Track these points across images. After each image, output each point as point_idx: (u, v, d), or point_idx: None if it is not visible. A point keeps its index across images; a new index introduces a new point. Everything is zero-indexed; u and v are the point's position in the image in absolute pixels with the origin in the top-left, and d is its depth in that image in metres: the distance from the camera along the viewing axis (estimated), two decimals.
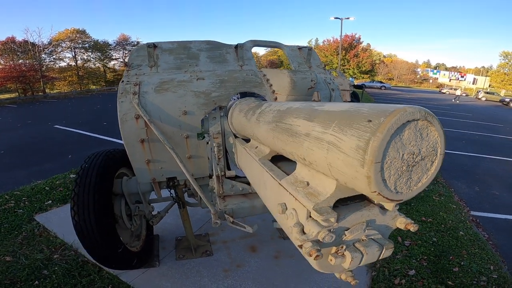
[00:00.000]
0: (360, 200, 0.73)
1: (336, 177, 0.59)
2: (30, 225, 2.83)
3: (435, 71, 63.93)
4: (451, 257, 2.98)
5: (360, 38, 33.09)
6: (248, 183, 1.94)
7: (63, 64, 30.83)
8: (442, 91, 46.69)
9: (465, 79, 62.16)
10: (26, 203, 3.39)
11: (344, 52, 32.30)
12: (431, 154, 0.54)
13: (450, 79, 59.85)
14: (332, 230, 0.64)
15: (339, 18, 26.58)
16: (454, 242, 3.26)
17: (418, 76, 53.08)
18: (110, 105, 15.90)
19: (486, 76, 58.82)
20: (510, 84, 49.45)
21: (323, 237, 0.62)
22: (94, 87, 32.47)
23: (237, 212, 1.84)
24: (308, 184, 0.75)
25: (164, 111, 1.81)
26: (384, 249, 0.67)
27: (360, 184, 0.51)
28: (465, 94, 43.54)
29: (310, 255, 0.62)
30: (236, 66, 2.29)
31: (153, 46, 2.06)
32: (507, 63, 52.58)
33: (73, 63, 31.51)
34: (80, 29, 31.23)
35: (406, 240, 3.20)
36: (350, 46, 31.14)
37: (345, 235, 0.67)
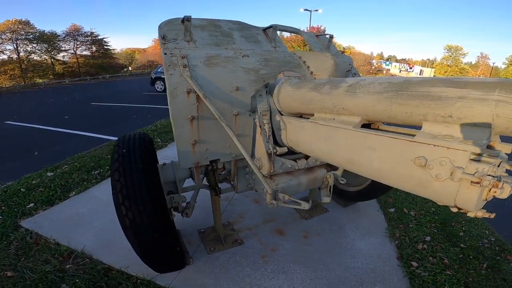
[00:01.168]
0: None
1: (498, 125, 0.75)
2: (18, 232, 2.40)
3: (387, 62, 69.10)
4: (453, 224, 3.23)
5: (325, 30, 34.23)
6: (295, 160, 1.90)
7: (3, 56, 27.95)
8: None
9: (413, 70, 68.08)
10: (3, 208, 2.87)
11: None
12: None
13: (400, 70, 65.18)
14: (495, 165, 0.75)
15: (308, 10, 27.41)
16: (450, 212, 3.52)
17: (373, 67, 56.86)
18: (66, 98, 14.33)
19: (431, 67, 65.16)
20: (452, 75, 55.47)
21: (494, 172, 0.74)
22: (41, 80, 29.27)
23: (286, 191, 1.81)
24: (451, 136, 0.84)
25: (217, 86, 1.67)
26: None
27: None
28: None
29: (495, 186, 0.74)
30: (270, 47, 2.29)
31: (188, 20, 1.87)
32: (450, 56, 58.89)
33: (15, 56, 28.51)
34: (23, 19, 28.71)
35: (411, 211, 3.38)
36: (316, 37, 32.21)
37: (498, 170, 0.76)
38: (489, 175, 0.74)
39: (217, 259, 2.19)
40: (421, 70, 68.85)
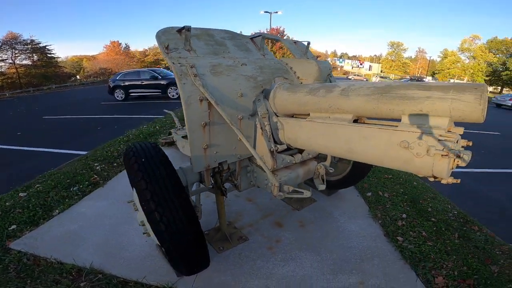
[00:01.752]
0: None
1: (451, 115, 1.08)
2: (11, 256, 2.20)
3: (341, 60, 73.66)
4: (421, 201, 3.69)
5: (284, 31, 35.25)
6: (292, 155, 2.10)
7: None
8: (348, 77, 54.20)
9: (363, 66, 73.44)
10: None
11: (271, 44, 34.00)
12: None
13: (352, 67, 70.05)
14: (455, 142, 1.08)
15: (268, 12, 28.02)
16: (415, 191, 4.01)
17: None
18: (11, 113, 12.83)
19: (378, 63, 70.89)
20: (396, 69, 61.08)
21: (455, 146, 1.07)
22: None
23: (287, 183, 2.03)
24: (424, 124, 1.15)
25: (223, 93, 1.80)
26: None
27: (475, 114, 1.02)
28: (365, 79, 51.44)
29: (457, 157, 1.05)
30: (259, 55, 2.46)
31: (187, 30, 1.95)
32: (393, 52, 64.76)
33: None
34: None
35: (385, 193, 3.78)
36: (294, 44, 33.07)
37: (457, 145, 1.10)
38: (452, 149, 1.06)
39: (228, 257, 2.27)
40: (370, 66, 74.43)
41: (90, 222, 2.57)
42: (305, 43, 2.94)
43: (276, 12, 29.19)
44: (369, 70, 70.38)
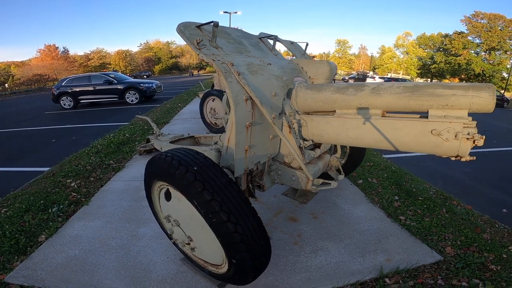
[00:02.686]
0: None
1: (469, 108, 1.34)
2: None
3: (291, 58, 76.41)
4: (404, 183, 4.00)
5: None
6: (313, 150, 2.17)
7: None
8: None
9: None
10: None
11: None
12: None
13: None
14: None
15: (227, 12, 27.73)
16: (395, 175, 4.35)
17: None
18: None
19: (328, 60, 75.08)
20: (343, 66, 65.64)
21: (476, 131, 1.35)
22: None
23: (313, 176, 2.04)
24: (450, 116, 1.40)
25: (262, 92, 1.76)
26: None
27: (490, 106, 1.30)
28: None
29: (471, 138, 1.33)
30: (272, 55, 2.46)
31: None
32: (340, 49, 69.48)
33: None
34: None
35: (373, 180, 4.02)
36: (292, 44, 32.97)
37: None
38: (475, 133, 1.33)
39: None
40: None
41: (93, 245, 2.23)
42: (303, 44, 2.99)
43: (236, 13, 29.15)
44: None
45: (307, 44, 2.97)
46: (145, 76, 42.69)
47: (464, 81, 43.92)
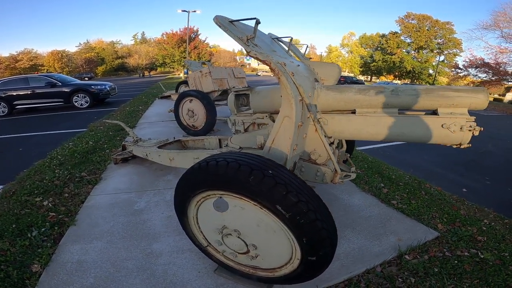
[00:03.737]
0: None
1: (469, 106, 1.69)
2: None
3: (248, 58, 77.13)
4: (384, 172, 4.36)
5: (198, 31, 34.20)
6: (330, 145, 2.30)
7: None
8: (258, 74, 57.53)
9: None
10: None
11: (185, 44, 32.59)
12: None
13: (258, 64, 74.53)
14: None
15: (186, 11, 26.53)
16: (374, 165, 4.70)
17: (237, 63, 62.30)
18: None
19: None
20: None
21: (475, 124, 1.68)
22: None
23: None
24: (456, 113, 1.72)
25: (306, 92, 1.80)
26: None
27: (484, 105, 1.68)
28: (272, 75, 55.34)
29: (472, 129, 1.67)
30: (292, 57, 2.51)
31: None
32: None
33: None
34: None
35: (358, 170, 4.29)
36: (189, 38, 31.84)
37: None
38: (475, 126, 1.67)
39: None
40: None
41: (107, 271, 1.91)
42: (304, 45, 3.04)
43: (195, 11, 28.17)
44: None
45: (307, 46, 3.03)
46: (86, 78, 38.89)
47: (397, 78, 49.42)
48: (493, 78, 25.27)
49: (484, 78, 26.30)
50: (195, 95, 5.28)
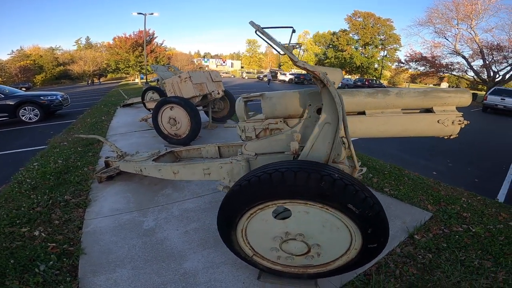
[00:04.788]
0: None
1: (457, 104, 2.01)
2: None
3: (205, 59, 75.93)
4: (368, 162, 4.72)
5: (154, 34, 32.42)
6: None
7: None
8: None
9: (226, 64, 78.69)
10: None
11: (140, 48, 30.69)
12: None
13: (217, 65, 73.87)
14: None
15: (142, 14, 24.63)
16: (358, 157, 5.03)
17: (195, 65, 60.85)
18: None
19: (239, 60, 77.87)
20: (254, 64, 69.26)
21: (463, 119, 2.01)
22: None
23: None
24: (447, 110, 2.02)
25: None
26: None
27: (468, 103, 2.02)
28: (232, 76, 55.37)
29: (461, 123, 2.00)
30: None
31: None
32: (250, 48, 72.80)
33: None
34: None
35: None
36: (146, 42, 30.12)
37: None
38: (463, 120, 1.99)
39: None
40: (232, 63, 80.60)
41: None
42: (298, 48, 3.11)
43: (152, 14, 26.35)
44: (231, 67, 76.25)
45: (293, 31, 3.10)
46: (23, 89, 34.61)
47: (348, 73, 52.93)
48: (430, 70, 28.49)
49: (423, 71, 29.55)
50: (177, 102, 5.07)
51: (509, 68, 23.71)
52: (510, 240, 2.51)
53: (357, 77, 47.41)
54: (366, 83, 31.02)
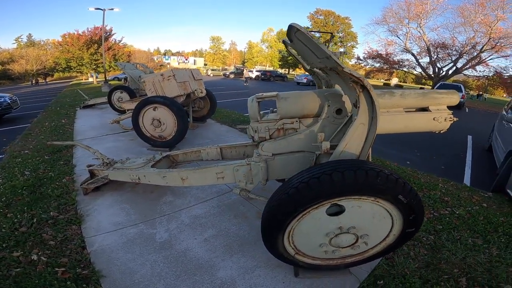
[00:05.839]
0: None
1: (448, 103, 2.31)
2: None
3: (166, 57, 72.71)
4: None
5: (112, 30, 29.81)
6: None
7: None
8: (209, 74, 54.70)
9: (188, 61, 76.36)
10: None
11: (96, 45, 28.10)
12: None
13: (179, 63, 71.28)
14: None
15: (100, 9, 22.27)
16: None
17: (155, 63, 58.00)
18: None
19: (202, 57, 75.95)
20: (218, 61, 68.23)
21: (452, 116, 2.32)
22: None
23: None
24: (440, 109, 2.29)
25: None
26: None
27: (456, 102, 2.33)
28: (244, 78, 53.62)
29: (451, 120, 2.29)
30: None
31: None
32: (214, 45, 71.38)
33: None
34: None
35: None
36: (101, 38, 27.62)
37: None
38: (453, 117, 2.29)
39: None
40: (194, 60, 78.44)
41: None
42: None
43: (112, 9, 24.28)
44: (194, 64, 74.20)
45: (332, 36, 3.22)
46: None
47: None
48: (384, 66, 30.88)
49: (378, 67, 31.93)
50: (161, 101, 4.80)
51: (451, 64, 26.71)
52: (489, 220, 2.92)
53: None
54: None
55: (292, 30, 1.56)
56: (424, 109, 2.28)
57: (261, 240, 1.86)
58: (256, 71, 39.68)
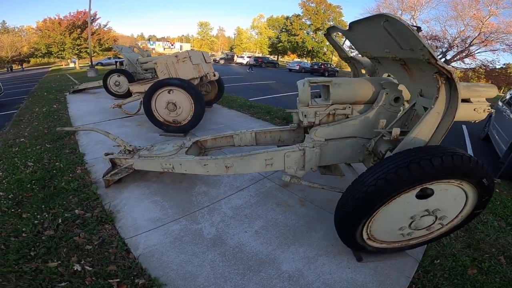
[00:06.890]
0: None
1: (487, 96, 2.32)
2: None
3: (151, 42, 69.79)
4: None
5: (96, 15, 27.77)
6: None
7: None
8: (216, 60, 52.90)
9: (174, 47, 73.81)
10: None
11: (79, 30, 26.29)
12: None
13: (164, 48, 68.76)
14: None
15: None
16: None
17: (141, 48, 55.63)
18: None
19: (189, 43, 73.47)
20: (206, 47, 66.22)
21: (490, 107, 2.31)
22: None
23: None
24: (481, 101, 2.29)
25: None
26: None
27: (494, 95, 2.32)
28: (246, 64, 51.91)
29: (489, 111, 2.28)
30: None
31: None
32: (202, 31, 68.95)
33: None
34: None
35: None
36: (85, 23, 25.77)
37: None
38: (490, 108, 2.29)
39: None
40: (181, 46, 75.89)
41: None
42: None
43: None
44: (180, 50, 71.72)
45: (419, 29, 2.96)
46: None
47: (299, 57, 54.38)
48: None
49: None
50: (178, 84, 4.36)
51: (441, 56, 27.05)
52: (504, 204, 3.19)
53: (308, 60, 49.02)
54: (322, 66, 32.24)
55: (381, 18, 1.66)
56: (466, 100, 2.28)
57: (313, 229, 2.10)
58: (248, 57, 38.72)
